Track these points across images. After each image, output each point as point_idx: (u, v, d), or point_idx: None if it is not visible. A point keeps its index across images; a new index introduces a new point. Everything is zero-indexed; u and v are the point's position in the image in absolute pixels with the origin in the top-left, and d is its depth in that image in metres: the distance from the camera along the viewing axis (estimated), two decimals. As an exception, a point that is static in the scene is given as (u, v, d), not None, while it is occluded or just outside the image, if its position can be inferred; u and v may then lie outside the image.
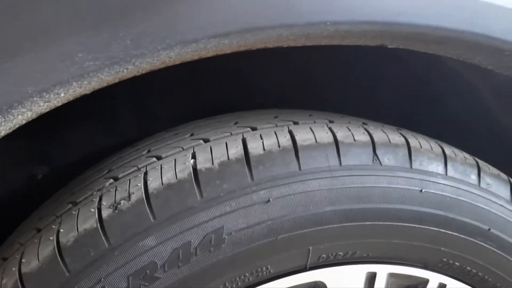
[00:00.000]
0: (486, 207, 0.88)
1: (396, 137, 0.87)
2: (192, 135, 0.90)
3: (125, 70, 0.62)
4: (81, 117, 1.25)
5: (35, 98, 0.59)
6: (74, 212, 0.76)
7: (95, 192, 0.79)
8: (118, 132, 1.21)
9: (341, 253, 0.83)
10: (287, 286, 0.83)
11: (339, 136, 0.83)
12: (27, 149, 1.23)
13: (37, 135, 1.22)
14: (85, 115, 1.25)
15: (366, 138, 0.85)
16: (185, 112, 1.16)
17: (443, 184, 0.85)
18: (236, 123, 0.92)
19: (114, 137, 1.19)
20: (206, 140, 0.84)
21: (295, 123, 0.88)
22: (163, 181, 0.76)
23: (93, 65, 0.59)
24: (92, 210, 0.75)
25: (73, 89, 0.61)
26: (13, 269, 0.74)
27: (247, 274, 0.79)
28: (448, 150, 0.90)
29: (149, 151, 0.88)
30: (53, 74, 0.58)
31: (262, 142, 0.81)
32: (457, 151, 0.92)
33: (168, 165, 0.78)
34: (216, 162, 0.78)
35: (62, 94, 0.61)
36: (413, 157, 0.85)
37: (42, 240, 0.75)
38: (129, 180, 0.78)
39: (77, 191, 0.84)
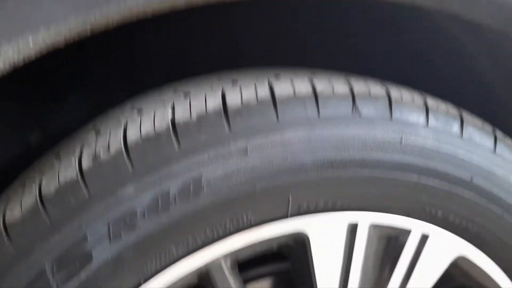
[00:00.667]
0: (469, 157, 0.88)
1: (377, 89, 0.87)
2: (174, 90, 0.91)
3: (93, 19, 0.63)
4: (75, 83, 1.27)
5: (4, 47, 0.60)
6: (56, 164, 0.79)
7: (77, 145, 0.81)
8: (110, 96, 1.23)
9: (321, 202, 0.84)
10: (270, 235, 0.84)
11: (319, 87, 0.84)
12: (22, 116, 1.25)
13: (33, 102, 1.24)
14: (79, 81, 1.27)
15: (346, 89, 0.85)
16: (174, 74, 1.17)
17: (424, 134, 0.85)
18: (218, 79, 0.93)
19: (106, 101, 1.21)
20: (186, 94, 0.85)
21: (277, 76, 0.89)
22: (142, 133, 0.77)
23: (61, 11, 0.61)
24: (73, 161, 0.77)
25: (42, 37, 0.62)
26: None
27: (227, 222, 0.80)
28: (431, 101, 0.90)
29: (132, 106, 0.89)
30: (20, 20, 0.60)
31: (241, 94, 0.81)
32: (440, 102, 0.92)
33: (147, 117, 0.80)
34: (194, 114, 0.79)
35: (31, 44, 0.62)
36: (393, 108, 0.85)
37: (25, 191, 0.77)
38: (109, 132, 0.80)
39: (61, 146, 0.86)
